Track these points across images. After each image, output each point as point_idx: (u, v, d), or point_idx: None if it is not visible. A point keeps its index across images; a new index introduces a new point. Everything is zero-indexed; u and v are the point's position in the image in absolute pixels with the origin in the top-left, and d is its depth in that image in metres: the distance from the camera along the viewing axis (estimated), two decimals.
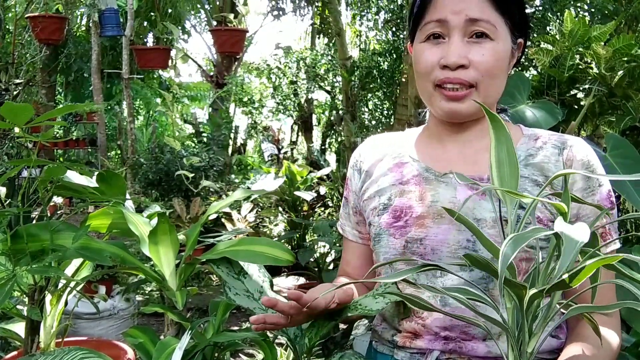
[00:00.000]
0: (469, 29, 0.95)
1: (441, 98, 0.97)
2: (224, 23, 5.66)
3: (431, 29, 0.97)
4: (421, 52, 0.99)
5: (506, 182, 0.77)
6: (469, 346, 0.95)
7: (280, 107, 7.75)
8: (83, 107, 2.07)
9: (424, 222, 0.98)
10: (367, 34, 6.98)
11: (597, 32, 1.86)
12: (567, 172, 0.74)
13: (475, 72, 0.95)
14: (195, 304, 4.11)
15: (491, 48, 0.95)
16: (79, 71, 8.16)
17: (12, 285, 0.80)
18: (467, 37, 0.95)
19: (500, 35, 0.96)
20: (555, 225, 0.63)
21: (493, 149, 0.79)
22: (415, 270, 0.77)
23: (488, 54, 0.95)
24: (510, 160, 0.78)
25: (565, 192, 0.74)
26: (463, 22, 0.95)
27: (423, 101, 1.06)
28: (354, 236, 1.14)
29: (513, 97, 1.84)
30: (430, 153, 1.06)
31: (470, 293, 0.77)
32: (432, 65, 0.97)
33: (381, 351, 1.06)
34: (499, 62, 0.96)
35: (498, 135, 0.79)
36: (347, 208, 1.15)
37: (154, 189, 4.65)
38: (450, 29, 0.95)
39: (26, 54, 5.15)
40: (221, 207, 1.03)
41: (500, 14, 0.96)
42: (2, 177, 0.89)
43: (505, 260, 0.58)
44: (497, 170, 0.78)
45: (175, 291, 0.93)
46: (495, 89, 0.98)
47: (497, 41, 0.96)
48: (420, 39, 1.00)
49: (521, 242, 0.60)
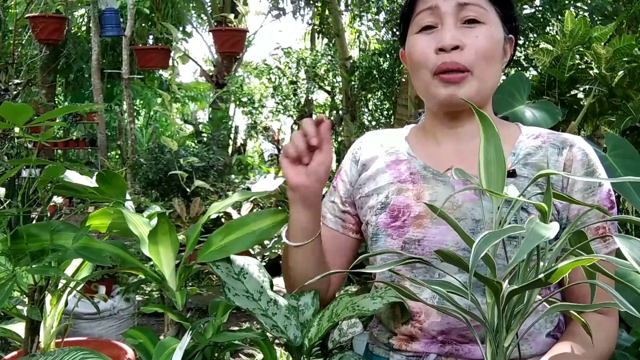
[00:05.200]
0: (461, 14, 0.96)
1: (439, 84, 0.97)
2: (224, 23, 5.67)
3: (423, 18, 0.98)
4: (415, 43, 1.00)
5: (493, 181, 0.78)
6: (465, 349, 0.94)
7: (280, 107, 7.74)
8: (83, 107, 2.07)
9: (422, 222, 0.98)
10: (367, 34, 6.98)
11: (597, 32, 1.86)
12: (548, 172, 0.75)
13: (470, 54, 0.95)
14: (195, 304, 4.11)
15: (484, 31, 0.96)
16: (79, 71, 8.17)
17: (12, 285, 0.80)
18: (459, 22, 0.96)
19: (492, 20, 0.98)
20: (527, 223, 0.64)
21: (482, 148, 0.79)
22: (396, 264, 0.79)
23: (482, 36, 0.96)
24: (497, 160, 0.78)
25: (548, 192, 0.75)
26: (454, 8, 0.96)
27: (420, 96, 1.06)
28: (336, 224, 1.12)
29: (513, 97, 1.83)
30: (427, 150, 1.06)
31: (450, 286, 0.78)
32: (427, 53, 0.97)
33: (377, 354, 1.05)
34: (493, 45, 0.97)
35: (487, 135, 0.79)
36: (333, 196, 1.13)
37: (154, 189, 4.66)
38: (442, 16, 0.97)
39: (26, 54, 5.15)
40: (221, 207, 1.03)
41: (491, 3, 0.98)
42: (2, 177, 0.89)
43: (476, 255, 0.59)
44: (484, 170, 0.79)
45: (175, 291, 0.93)
46: (490, 75, 0.98)
47: (489, 25, 0.97)
48: (413, 31, 1.01)
49: (494, 238, 0.62)
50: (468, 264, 0.61)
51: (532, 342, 0.95)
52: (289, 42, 15.38)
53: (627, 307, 0.62)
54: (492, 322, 0.74)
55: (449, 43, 0.95)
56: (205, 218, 1.01)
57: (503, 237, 0.64)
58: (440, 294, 0.76)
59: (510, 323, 0.73)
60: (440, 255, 0.75)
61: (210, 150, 5.14)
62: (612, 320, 0.97)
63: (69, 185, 0.93)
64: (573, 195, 0.96)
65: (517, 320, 0.73)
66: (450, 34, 0.95)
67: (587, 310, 0.92)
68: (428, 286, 0.77)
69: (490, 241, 0.61)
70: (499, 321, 0.72)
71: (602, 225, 0.96)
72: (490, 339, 0.74)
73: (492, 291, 0.70)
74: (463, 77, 0.95)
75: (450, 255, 0.74)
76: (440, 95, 0.98)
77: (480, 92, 0.98)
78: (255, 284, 0.97)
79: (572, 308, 0.75)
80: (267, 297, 0.96)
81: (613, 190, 0.99)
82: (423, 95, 1.03)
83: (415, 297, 0.81)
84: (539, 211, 0.72)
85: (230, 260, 0.98)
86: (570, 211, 0.96)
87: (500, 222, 0.77)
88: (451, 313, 0.78)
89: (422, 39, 0.99)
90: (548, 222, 0.69)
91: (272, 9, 6.95)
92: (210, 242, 0.97)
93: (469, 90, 0.96)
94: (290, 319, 0.95)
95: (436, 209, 0.77)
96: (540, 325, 0.95)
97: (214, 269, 0.95)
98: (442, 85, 0.97)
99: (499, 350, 0.73)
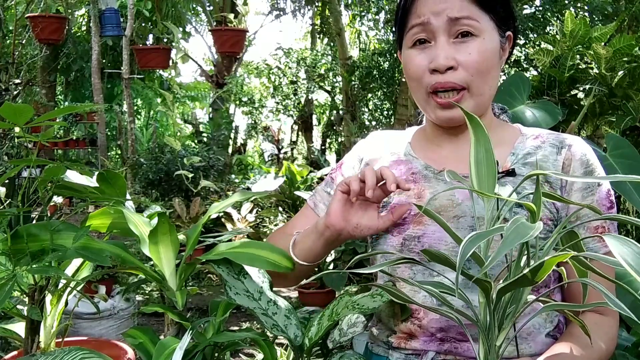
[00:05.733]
0: (453, 29, 0.95)
1: (435, 106, 0.97)
2: (224, 23, 5.67)
3: (416, 34, 0.97)
4: (409, 59, 0.99)
5: (483, 181, 0.78)
6: (464, 347, 0.95)
7: (280, 107, 7.75)
8: (83, 107, 2.07)
9: (422, 220, 0.98)
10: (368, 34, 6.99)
11: (597, 32, 1.86)
12: (539, 172, 0.75)
13: (464, 72, 0.94)
14: (195, 304, 4.12)
15: (477, 46, 0.95)
16: (79, 71, 8.17)
17: (12, 285, 0.80)
18: (452, 37, 0.95)
19: (485, 30, 0.96)
20: (509, 223, 0.64)
21: (472, 149, 0.80)
22: (390, 263, 0.80)
23: (475, 52, 0.94)
24: (487, 160, 0.79)
25: (537, 192, 0.75)
26: (445, 23, 0.94)
27: (418, 106, 1.06)
28: None
29: (513, 97, 1.84)
30: (428, 152, 1.06)
31: (443, 286, 0.79)
32: (422, 71, 0.97)
33: (376, 352, 1.05)
34: (487, 59, 0.96)
35: (477, 136, 0.80)
36: (329, 187, 1.13)
37: (154, 189, 4.66)
38: (435, 32, 0.95)
39: (26, 54, 5.15)
40: (221, 208, 1.03)
41: (483, 11, 0.96)
42: (2, 177, 0.89)
43: (463, 255, 0.60)
44: (475, 170, 0.79)
45: (175, 291, 0.93)
46: (487, 86, 0.98)
47: (482, 37, 0.95)
48: (407, 45, 1.00)
49: (481, 239, 0.62)
50: (454, 262, 0.61)
51: (532, 341, 0.95)
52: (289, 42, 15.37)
53: (619, 307, 0.62)
54: (485, 321, 0.74)
55: (442, 64, 0.94)
56: (206, 218, 1.01)
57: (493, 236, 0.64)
58: (432, 294, 0.77)
59: (502, 322, 0.74)
60: (427, 254, 0.76)
61: (211, 150, 5.15)
62: (611, 320, 0.97)
63: (69, 185, 0.93)
64: (572, 195, 0.96)
65: (509, 319, 0.74)
66: (443, 54, 0.94)
67: (584, 310, 0.92)
68: (421, 287, 0.77)
69: (476, 242, 0.62)
70: (491, 320, 0.73)
71: (601, 225, 0.96)
72: (483, 338, 0.75)
73: (482, 290, 0.71)
74: (459, 97, 0.95)
75: (437, 255, 0.75)
76: (438, 118, 0.99)
77: (479, 106, 0.98)
78: (255, 285, 0.97)
79: (566, 307, 0.75)
80: (267, 298, 0.96)
81: (613, 190, 0.99)
82: (421, 108, 1.03)
83: (409, 300, 0.81)
84: (528, 211, 0.72)
85: (230, 261, 0.98)
86: (568, 210, 0.96)
87: (495, 220, 0.77)
88: (443, 313, 0.78)
89: (416, 56, 0.98)
90: (537, 221, 0.69)
91: (272, 9, 6.95)
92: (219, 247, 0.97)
93: (466, 108, 0.96)
94: (291, 319, 0.95)
95: (430, 214, 0.78)
96: (539, 325, 0.95)
97: (215, 269, 0.95)
98: (439, 108, 0.97)
99: (491, 349, 0.74)
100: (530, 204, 0.71)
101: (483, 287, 0.69)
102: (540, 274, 0.65)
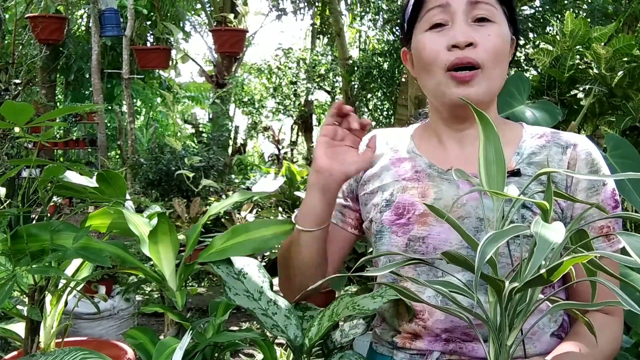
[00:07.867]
0: (472, 12, 0.96)
1: (452, 84, 0.96)
2: (224, 23, 5.66)
3: (434, 15, 0.97)
4: (425, 41, 0.99)
5: (493, 181, 0.78)
6: (469, 347, 0.95)
7: (280, 108, 7.75)
8: (83, 107, 2.07)
9: (427, 220, 0.98)
10: (367, 34, 6.99)
11: (597, 32, 1.86)
12: (549, 170, 0.74)
13: (482, 52, 0.95)
14: (195, 304, 4.11)
15: (495, 30, 0.96)
16: (79, 71, 8.17)
17: (12, 285, 0.80)
18: (470, 20, 0.96)
19: (501, 19, 0.98)
20: (532, 225, 0.64)
21: (481, 148, 0.79)
22: (397, 265, 0.79)
23: (493, 35, 0.96)
24: (497, 160, 0.78)
25: (549, 190, 0.75)
26: (465, 5, 0.95)
27: (428, 95, 1.05)
28: (335, 217, 1.11)
29: (513, 97, 1.83)
30: (431, 149, 1.06)
31: (452, 286, 0.78)
32: (438, 49, 0.96)
33: (381, 352, 1.05)
34: (503, 43, 0.97)
35: (487, 135, 0.79)
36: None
37: (154, 189, 4.65)
38: (453, 14, 0.96)
39: (26, 54, 5.15)
40: (221, 208, 1.03)
41: (499, 2, 0.98)
42: (2, 177, 0.89)
43: (482, 257, 0.59)
44: (484, 170, 0.79)
45: (175, 291, 0.93)
46: (498, 74, 0.98)
47: (499, 24, 0.97)
48: (423, 29, 0.99)
49: (499, 239, 0.62)
50: (473, 264, 0.60)
51: (537, 341, 0.95)
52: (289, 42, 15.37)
53: (630, 305, 0.62)
54: (495, 321, 0.74)
55: (463, 40, 0.94)
56: (206, 218, 1.01)
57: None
58: (442, 294, 0.76)
59: (513, 321, 0.73)
60: (446, 257, 0.75)
61: (211, 151, 5.14)
62: (617, 321, 0.97)
63: (69, 185, 0.93)
64: (577, 194, 0.96)
65: (519, 318, 0.73)
66: (463, 30, 0.95)
67: (591, 310, 0.92)
68: (430, 286, 0.76)
69: (495, 242, 0.61)
70: (502, 320, 0.72)
71: (607, 224, 0.96)
72: (493, 338, 0.74)
73: (495, 289, 0.70)
74: (474, 74, 0.95)
75: (456, 257, 0.74)
76: (452, 94, 0.97)
77: (489, 91, 0.98)
78: (255, 285, 0.97)
79: (574, 307, 0.75)
80: (267, 298, 0.96)
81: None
82: (432, 94, 1.02)
83: (416, 298, 0.80)
84: (540, 209, 0.72)
85: (230, 260, 0.98)
86: (574, 210, 0.96)
87: (503, 220, 0.77)
88: (453, 312, 0.78)
89: (432, 37, 0.98)
90: (549, 220, 0.68)
91: (273, 9, 6.95)
92: (213, 244, 0.97)
93: (479, 89, 0.96)
94: (291, 319, 0.95)
95: (440, 212, 0.77)
96: (544, 325, 0.95)
97: (214, 269, 0.95)
98: (455, 84, 0.96)
99: (502, 349, 0.73)
100: (544, 203, 0.71)
101: (496, 286, 0.69)
102: (556, 274, 0.64)
